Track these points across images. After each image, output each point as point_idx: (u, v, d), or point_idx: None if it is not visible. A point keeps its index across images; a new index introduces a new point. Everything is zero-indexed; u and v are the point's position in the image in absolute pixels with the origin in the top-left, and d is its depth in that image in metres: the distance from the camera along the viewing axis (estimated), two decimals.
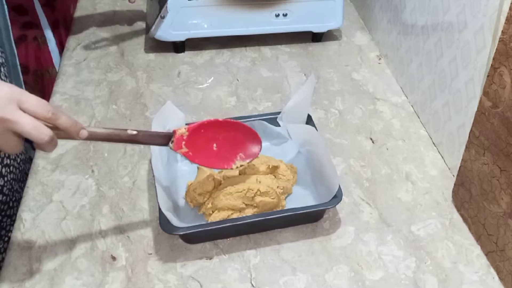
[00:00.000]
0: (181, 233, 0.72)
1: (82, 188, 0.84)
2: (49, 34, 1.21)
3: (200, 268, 0.73)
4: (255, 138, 0.76)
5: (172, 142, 0.71)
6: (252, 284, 0.71)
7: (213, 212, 0.76)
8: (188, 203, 0.79)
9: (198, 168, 0.81)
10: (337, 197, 0.76)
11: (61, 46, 1.23)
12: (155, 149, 0.77)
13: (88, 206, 0.81)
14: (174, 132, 0.71)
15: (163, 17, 1.10)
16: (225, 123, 0.74)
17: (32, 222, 0.79)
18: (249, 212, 0.76)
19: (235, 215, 0.76)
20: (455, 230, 0.78)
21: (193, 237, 0.75)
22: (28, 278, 0.71)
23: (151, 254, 0.75)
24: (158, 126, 0.79)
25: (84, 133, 0.63)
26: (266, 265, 0.74)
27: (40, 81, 1.21)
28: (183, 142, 0.71)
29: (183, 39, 1.14)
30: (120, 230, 0.78)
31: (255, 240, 0.77)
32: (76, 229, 0.78)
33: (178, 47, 1.16)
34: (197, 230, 0.73)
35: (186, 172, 0.84)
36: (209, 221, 0.76)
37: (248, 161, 0.75)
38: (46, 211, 0.81)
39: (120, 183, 0.85)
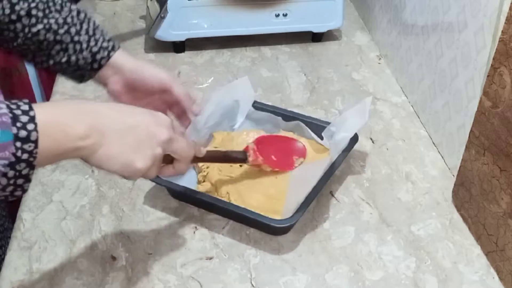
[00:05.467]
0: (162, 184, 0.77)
1: (82, 188, 0.84)
2: None
3: (200, 268, 0.73)
4: (298, 143, 0.86)
5: (249, 156, 0.78)
6: (252, 284, 0.71)
7: (204, 181, 0.81)
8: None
9: None
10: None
11: None
12: None
13: (88, 206, 0.81)
14: (247, 148, 0.79)
15: (163, 17, 1.10)
16: (272, 138, 0.86)
17: (32, 222, 0.79)
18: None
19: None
20: (455, 230, 0.78)
21: (176, 194, 0.81)
22: (28, 278, 0.71)
23: (151, 254, 0.75)
24: (227, 98, 0.86)
25: (203, 151, 0.69)
26: (266, 265, 0.74)
27: (8, 79, 1.17)
28: (258, 154, 0.79)
29: (183, 39, 1.14)
30: (120, 230, 0.78)
31: (255, 240, 0.77)
32: (76, 229, 0.78)
33: (178, 47, 1.16)
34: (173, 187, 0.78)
35: None
36: (197, 187, 0.81)
37: (303, 159, 0.84)
38: (46, 211, 0.81)
39: (120, 183, 0.85)
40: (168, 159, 0.63)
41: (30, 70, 1.31)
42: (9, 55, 0.76)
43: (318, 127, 0.87)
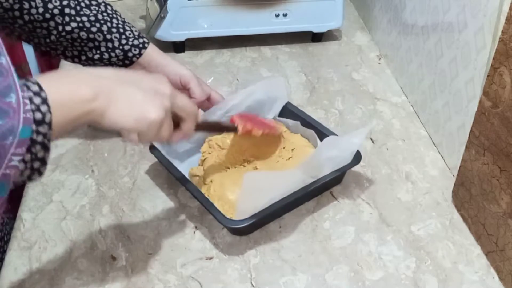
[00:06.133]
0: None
1: (82, 188, 0.84)
2: None
3: (200, 268, 0.73)
4: (270, 122, 0.87)
5: (237, 125, 0.77)
6: (252, 284, 0.71)
7: (201, 165, 0.82)
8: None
9: None
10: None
11: None
12: None
13: (88, 206, 0.81)
14: (232, 119, 0.78)
15: (163, 17, 1.10)
16: (249, 114, 0.84)
17: (32, 222, 0.79)
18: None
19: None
20: (455, 230, 0.79)
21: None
22: (28, 278, 0.71)
23: (151, 254, 0.75)
24: (259, 92, 0.87)
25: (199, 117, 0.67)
26: (266, 265, 0.74)
27: None
28: (244, 123, 0.78)
29: (183, 39, 1.14)
30: (120, 230, 0.78)
31: (255, 240, 0.77)
32: (76, 229, 0.78)
33: (178, 47, 1.16)
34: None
35: None
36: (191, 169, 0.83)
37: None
38: (46, 211, 0.81)
39: (120, 183, 0.85)
40: (174, 123, 0.63)
41: (33, 69, 1.32)
42: (17, 51, 0.78)
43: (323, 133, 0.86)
